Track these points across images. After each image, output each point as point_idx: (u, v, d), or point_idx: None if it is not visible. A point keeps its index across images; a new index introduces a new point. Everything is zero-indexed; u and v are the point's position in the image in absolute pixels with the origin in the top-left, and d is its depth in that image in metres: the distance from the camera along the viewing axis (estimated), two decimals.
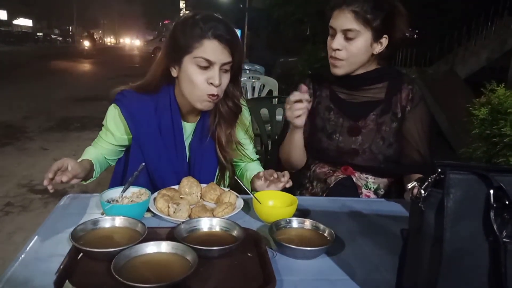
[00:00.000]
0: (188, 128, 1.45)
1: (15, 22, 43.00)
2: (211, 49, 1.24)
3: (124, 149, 1.49)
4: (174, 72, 1.33)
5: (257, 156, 1.62)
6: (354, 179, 1.50)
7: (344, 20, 1.38)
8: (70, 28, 51.82)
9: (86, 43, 28.80)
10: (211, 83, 1.27)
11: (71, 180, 1.17)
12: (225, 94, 1.38)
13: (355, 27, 1.37)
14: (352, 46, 1.39)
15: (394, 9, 1.40)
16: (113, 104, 1.40)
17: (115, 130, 1.42)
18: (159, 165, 1.40)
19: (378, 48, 1.42)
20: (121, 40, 72.65)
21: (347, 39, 1.39)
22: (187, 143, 1.45)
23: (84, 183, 1.36)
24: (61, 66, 16.61)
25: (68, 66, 16.79)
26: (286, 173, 1.32)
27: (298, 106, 1.35)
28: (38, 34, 41.31)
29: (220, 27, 1.25)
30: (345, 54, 1.41)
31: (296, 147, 1.52)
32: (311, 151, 1.56)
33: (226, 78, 1.31)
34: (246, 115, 1.56)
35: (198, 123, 1.45)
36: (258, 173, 1.39)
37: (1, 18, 39.36)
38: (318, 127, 1.55)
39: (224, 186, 1.51)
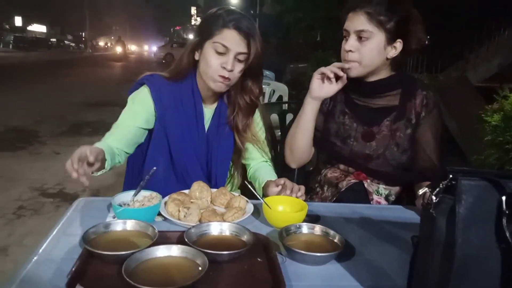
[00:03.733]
0: (207, 112, 1.54)
1: (30, 28, 43.69)
2: (230, 37, 1.37)
3: (142, 136, 1.50)
4: (197, 56, 1.46)
5: (269, 154, 1.64)
6: (365, 185, 1.50)
7: (357, 21, 1.38)
8: (83, 34, 52.44)
9: (119, 49, 30.64)
10: (224, 67, 1.38)
11: (95, 160, 1.10)
12: (243, 88, 1.51)
13: (368, 28, 1.37)
14: (365, 47, 1.39)
15: (409, 15, 1.40)
16: (143, 85, 1.50)
17: (141, 109, 1.47)
18: (182, 146, 1.49)
19: (392, 53, 1.41)
20: (135, 47, 73.24)
21: (360, 40, 1.39)
22: (206, 126, 1.54)
23: (96, 174, 1.24)
24: (73, 71, 16.82)
25: (80, 71, 16.99)
26: (302, 187, 1.32)
27: (334, 69, 1.39)
28: (51, 40, 41.93)
29: (241, 20, 1.39)
30: (358, 56, 1.40)
31: (303, 125, 1.50)
32: (324, 154, 1.56)
33: (239, 67, 1.42)
34: (256, 119, 1.60)
35: (216, 109, 1.55)
36: (275, 180, 1.39)
37: (17, 24, 40.00)
38: (332, 131, 1.54)
39: (236, 180, 1.62)
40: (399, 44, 1.41)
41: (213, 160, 1.52)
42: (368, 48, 1.39)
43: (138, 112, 1.47)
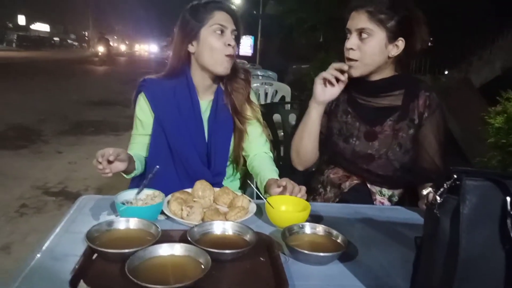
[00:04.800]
0: (204, 104, 1.58)
1: (33, 26, 43.80)
2: (223, 18, 1.48)
3: None
4: (192, 48, 1.50)
5: (269, 145, 1.67)
6: (368, 185, 1.50)
7: (358, 20, 1.40)
8: (86, 33, 52.59)
9: (101, 49, 21.76)
10: (228, 44, 1.47)
11: (115, 158, 1.24)
12: (233, 67, 1.55)
13: (369, 26, 1.38)
14: (366, 45, 1.39)
15: (412, 14, 1.40)
16: (140, 93, 1.55)
17: (143, 116, 1.56)
18: (180, 138, 1.53)
19: (394, 51, 1.41)
20: (137, 46, 73.26)
21: (361, 39, 1.40)
22: (205, 117, 1.57)
23: (127, 176, 1.47)
24: (76, 70, 16.87)
25: (83, 70, 17.04)
26: (303, 188, 1.32)
27: (335, 72, 1.39)
28: (54, 39, 42.05)
29: (224, 3, 1.53)
30: (359, 54, 1.41)
31: (309, 130, 1.51)
32: (326, 154, 1.56)
33: (235, 44, 1.51)
34: (252, 98, 1.64)
35: (213, 99, 1.59)
36: (276, 180, 1.39)
37: (20, 23, 40.11)
38: (334, 130, 1.54)
39: (237, 170, 1.66)
40: (401, 43, 1.41)
41: (212, 146, 1.56)
42: (369, 46, 1.39)
43: (144, 121, 1.56)
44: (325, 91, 1.43)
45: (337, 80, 1.43)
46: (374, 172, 1.49)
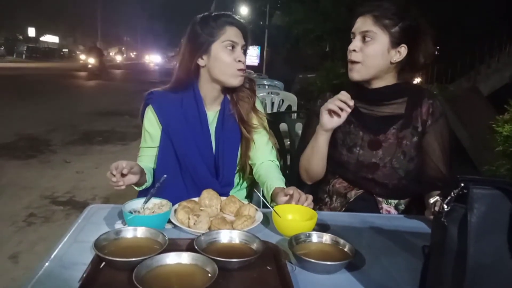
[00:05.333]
0: (211, 115, 1.59)
1: (42, 38, 44.41)
2: (233, 33, 1.49)
3: None
4: (202, 62, 1.51)
5: (275, 154, 1.67)
6: (374, 194, 1.49)
7: (363, 23, 1.42)
8: (95, 44, 53.27)
9: (91, 60, 17.88)
10: (239, 61, 1.49)
11: (129, 171, 1.26)
12: None
13: (373, 29, 1.40)
14: (369, 48, 1.41)
15: (417, 25, 1.42)
16: (148, 106, 1.57)
17: (151, 129, 1.57)
18: (187, 150, 1.54)
19: (396, 57, 1.42)
20: (146, 57, 73.83)
21: (365, 41, 1.41)
22: (212, 128, 1.58)
23: (138, 189, 1.48)
24: (84, 81, 17.03)
25: (91, 81, 17.18)
26: (310, 197, 1.32)
27: (340, 103, 1.36)
28: (63, 50, 42.57)
29: (233, 17, 1.53)
30: (361, 57, 1.42)
31: (318, 153, 1.50)
32: (331, 164, 1.56)
33: (244, 58, 1.53)
34: (257, 106, 1.64)
35: (220, 110, 1.60)
36: (283, 189, 1.39)
37: (30, 35, 40.70)
38: (338, 140, 1.54)
39: (243, 179, 1.66)
40: (403, 50, 1.42)
41: (220, 157, 1.57)
42: (371, 48, 1.41)
43: (152, 133, 1.57)
44: (331, 120, 1.41)
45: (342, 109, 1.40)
46: (379, 182, 1.49)
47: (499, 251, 0.69)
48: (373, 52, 1.41)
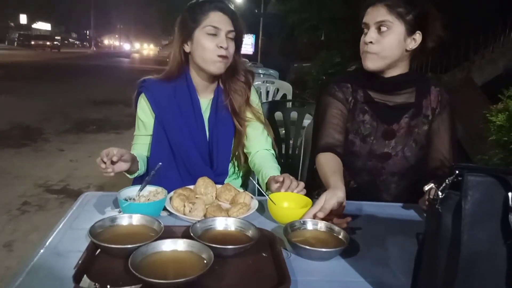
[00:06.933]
0: (204, 103, 1.58)
1: (34, 26, 43.83)
2: (217, 19, 1.46)
3: None
4: (187, 48, 1.51)
5: (270, 142, 1.66)
6: (377, 182, 1.52)
7: (377, 13, 1.39)
8: (88, 32, 52.66)
9: None
10: (221, 47, 1.45)
11: (119, 159, 1.24)
12: (234, 68, 1.56)
13: (388, 18, 1.37)
14: (385, 38, 1.38)
15: (428, 9, 1.41)
16: (141, 94, 1.55)
17: (144, 117, 1.56)
18: (181, 138, 1.53)
19: (412, 45, 1.41)
20: (146, 45, 72.65)
21: (380, 32, 1.39)
22: (205, 116, 1.57)
23: (130, 176, 1.46)
24: (78, 69, 16.88)
25: (84, 69, 17.04)
26: (301, 184, 1.31)
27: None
28: (56, 37, 42.09)
29: (221, 2, 1.49)
30: (378, 48, 1.40)
31: None
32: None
33: (232, 45, 1.49)
34: (253, 97, 1.63)
35: (213, 98, 1.58)
36: (276, 176, 1.39)
37: (21, 22, 40.14)
38: (351, 129, 1.53)
39: (239, 168, 1.66)
40: (418, 36, 1.40)
41: (214, 146, 1.56)
42: (388, 39, 1.38)
43: (145, 121, 1.57)
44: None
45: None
46: (388, 170, 1.50)
47: (492, 238, 0.69)
48: (391, 42, 1.39)
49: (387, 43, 1.39)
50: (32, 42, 32.08)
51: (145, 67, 20.32)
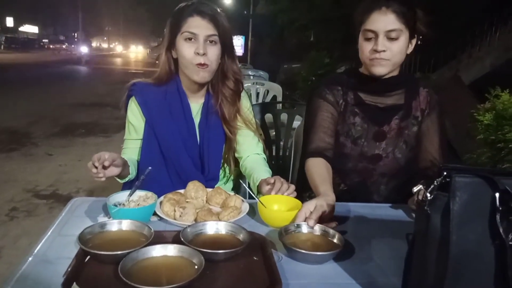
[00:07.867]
0: (195, 108, 1.56)
1: (21, 28, 43.35)
2: (194, 24, 1.42)
3: None
4: (174, 54, 1.49)
5: (261, 146, 1.64)
6: (368, 184, 1.52)
7: (386, 21, 1.36)
8: (76, 34, 52.20)
9: None
10: (197, 53, 1.40)
11: (110, 163, 1.22)
12: (223, 73, 1.52)
13: (398, 26, 1.36)
14: (395, 46, 1.38)
15: (417, 11, 1.42)
16: (131, 97, 1.53)
17: (134, 121, 1.54)
18: (172, 143, 1.51)
19: (410, 49, 1.43)
20: (134, 47, 72.05)
21: (390, 39, 1.38)
22: (196, 121, 1.56)
23: (121, 181, 1.45)
24: (65, 72, 16.72)
25: (72, 72, 16.89)
26: (292, 186, 1.31)
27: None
28: (43, 40, 41.68)
29: (200, 5, 1.44)
30: (389, 55, 1.39)
31: None
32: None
33: (214, 49, 1.44)
34: (245, 103, 1.62)
35: (204, 103, 1.56)
36: (267, 178, 1.38)
37: (8, 25, 39.68)
38: (341, 132, 1.53)
39: (227, 171, 1.64)
40: (414, 40, 1.43)
41: (204, 151, 1.55)
42: (397, 46, 1.38)
43: (135, 125, 1.54)
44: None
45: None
46: (379, 172, 1.51)
47: (481, 238, 0.70)
48: (400, 48, 1.39)
49: (396, 50, 1.39)
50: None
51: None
